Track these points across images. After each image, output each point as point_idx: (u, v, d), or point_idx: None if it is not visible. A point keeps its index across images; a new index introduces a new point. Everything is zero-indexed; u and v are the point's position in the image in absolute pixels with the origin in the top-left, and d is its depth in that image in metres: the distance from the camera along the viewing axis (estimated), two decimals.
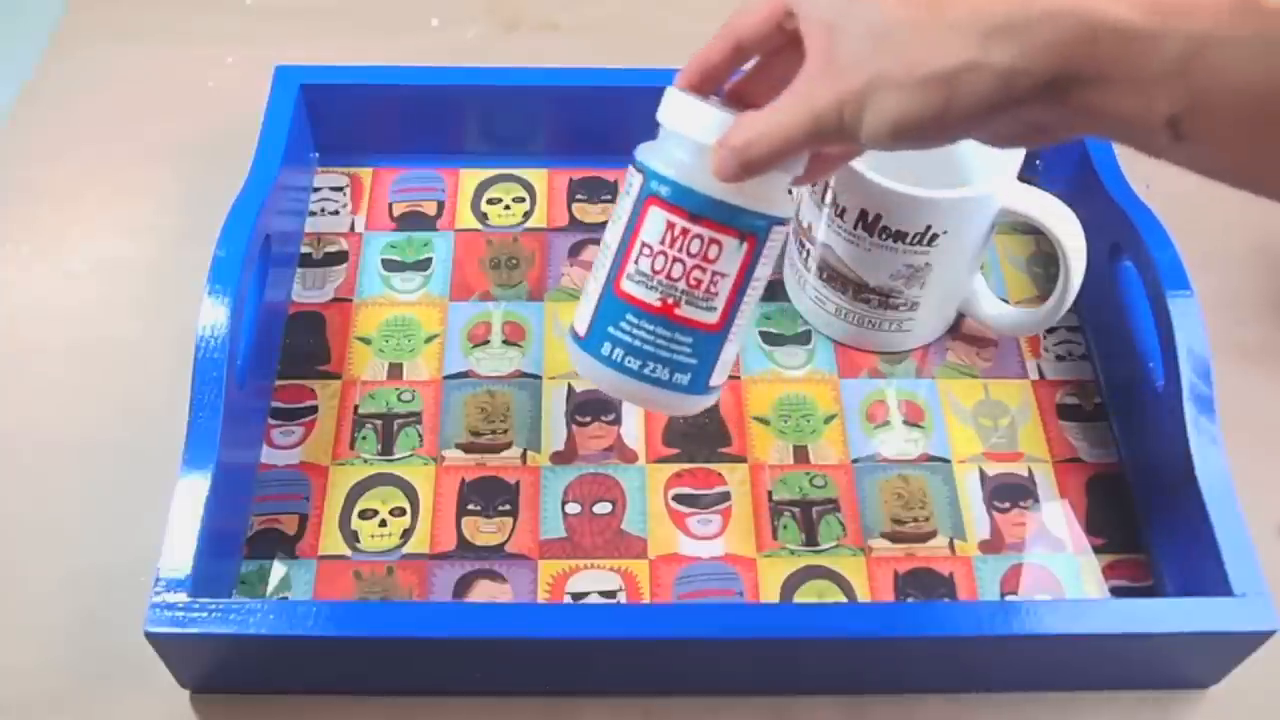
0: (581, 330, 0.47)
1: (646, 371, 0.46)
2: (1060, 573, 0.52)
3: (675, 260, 0.45)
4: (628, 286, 0.46)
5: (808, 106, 0.39)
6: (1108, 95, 0.34)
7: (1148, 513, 0.53)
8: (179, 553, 0.45)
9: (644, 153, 0.45)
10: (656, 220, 0.44)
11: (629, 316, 0.46)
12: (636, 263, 0.45)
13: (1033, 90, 0.35)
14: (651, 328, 0.46)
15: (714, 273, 0.45)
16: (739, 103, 0.45)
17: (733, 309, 0.46)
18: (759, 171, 0.41)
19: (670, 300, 0.45)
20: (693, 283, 0.45)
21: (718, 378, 0.47)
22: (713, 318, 0.46)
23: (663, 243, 0.45)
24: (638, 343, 0.46)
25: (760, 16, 0.42)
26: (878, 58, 0.37)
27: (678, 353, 0.46)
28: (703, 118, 0.43)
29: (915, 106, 0.36)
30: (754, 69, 0.44)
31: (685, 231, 0.44)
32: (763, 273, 0.46)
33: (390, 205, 0.63)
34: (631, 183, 0.45)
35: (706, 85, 0.44)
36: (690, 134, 0.43)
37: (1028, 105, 0.36)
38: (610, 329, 0.46)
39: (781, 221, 0.45)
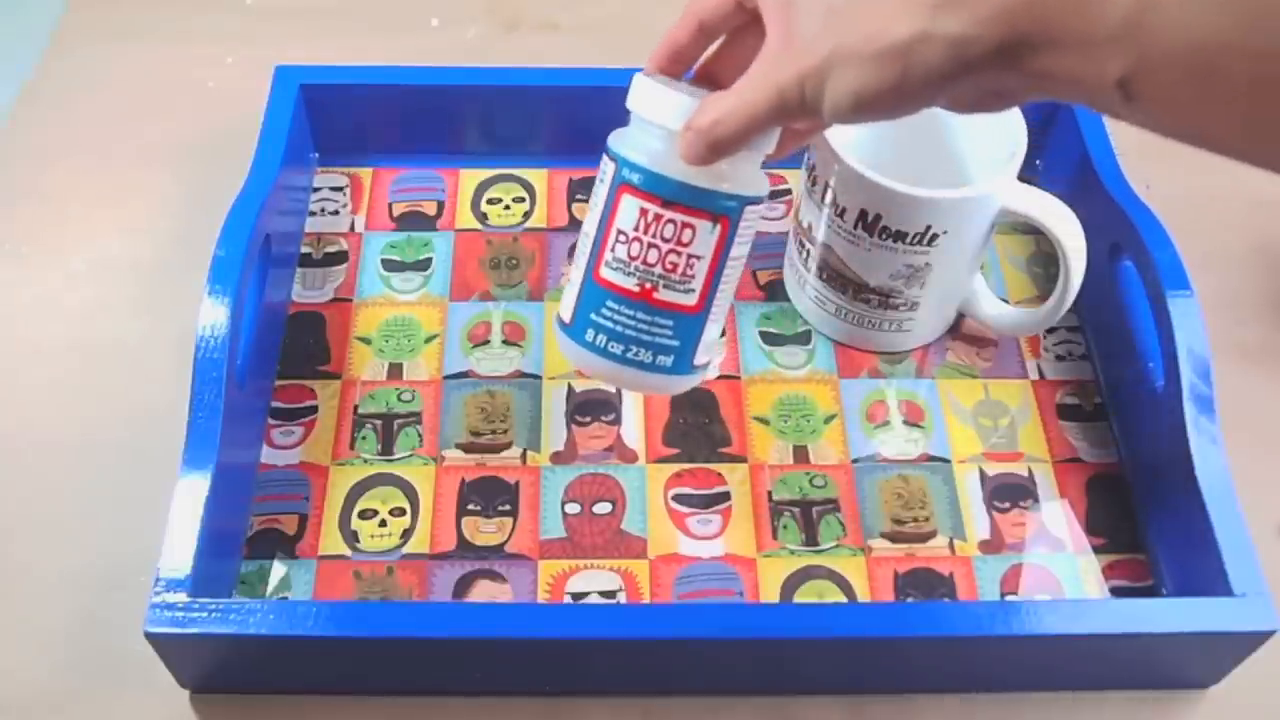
0: (566, 317, 0.48)
1: (630, 355, 0.47)
2: (1060, 573, 0.52)
3: (650, 246, 0.45)
4: (606, 273, 0.46)
5: (771, 84, 0.39)
6: (1058, 59, 0.35)
7: (1148, 513, 0.53)
8: (179, 553, 0.45)
9: (615, 141, 0.45)
10: (630, 208, 0.45)
11: (609, 303, 0.47)
12: (613, 250, 0.46)
13: (984, 57, 0.36)
14: (632, 313, 0.46)
15: (689, 256, 0.46)
16: (710, 83, 0.45)
17: (711, 289, 0.47)
18: (728, 152, 0.42)
19: (648, 285, 0.46)
20: (669, 267, 0.46)
21: (701, 357, 0.48)
22: (691, 300, 0.47)
23: (637, 229, 0.45)
24: (619, 328, 0.47)
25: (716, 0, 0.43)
26: (834, 33, 0.38)
27: (659, 335, 0.47)
28: (669, 103, 0.43)
29: (873, 80, 0.37)
30: (719, 49, 0.45)
31: (658, 217, 0.45)
32: (739, 252, 0.46)
33: (390, 205, 0.63)
34: (605, 171, 0.46)
35: (675, 68, 0.45)
36: (658, 120, 0.43)
37: (982, 72, 0.36)
38: (593, 315, 0.47)
39: (754, 200, 0.46)
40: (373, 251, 0.61)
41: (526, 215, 0.63)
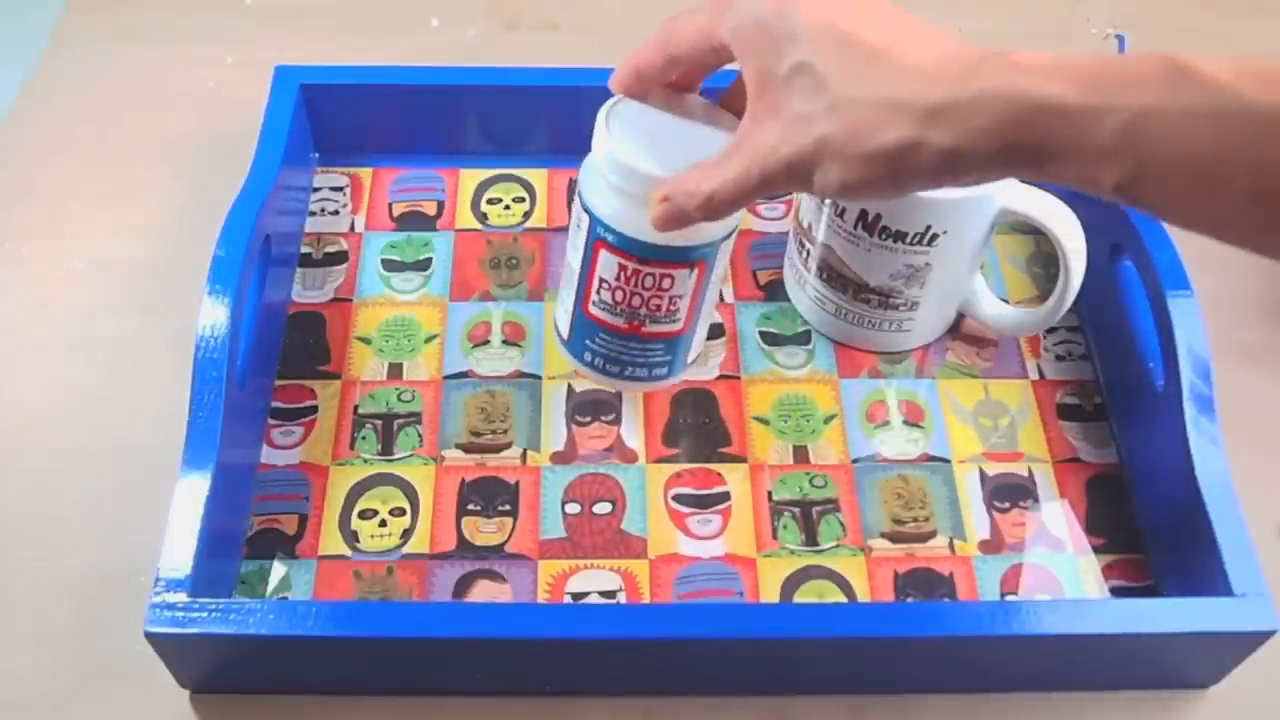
0: (564, 333, 0.53)
1: (627, 374, 0.52)
2: (1060, 573, 0.52)
3: (633, 294, 0.49)
4: (595, 311, 0.50)
5: (757, 165, 0.40)
6: (1052, 169, 0.35)
7: (1148, 513, 0.53)
8: (179, 553, 0.45)
9: (587, 188, 0.48)
10: (609, 261, 0.48)
11: (601, 335, 0.51)
12: (599, 293, 0.49)
13: (977, 164, 0.36)
14: (624, 343, 0.51)
15: (671, 296, 0.49)
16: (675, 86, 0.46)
17: (695, 313, 0.50)
18: (720, 215, 0.43)
19: (635, 322, 0.50)
20: (652, 307, 0.49)
21: (693, 355, 0.53)
22: (677, 326, 0.50)
23: (618, 280, 0.48)
24: (613, 353, 0.51)
25: (692, 40, 0.43)
26: (821, 122, 0.38)
27: (652, 356, 0.51)
28: (640, 173, 0.45)
29: (860, 177, 0.38)
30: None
31: (637, 272, 0.48)
32: (719, 274, 0.49)
33: (390, 205, 0.63)
34: (581, 218, 0.48)
35: (639, 90, 0.46)
36: (630, 189, 0.45)
37: (973, 172, 0.37)
38: (587, 341, 0.51)
39: (727, 237, 0.48)
40: (373, 251, 0.61)
41: (526, 215, 0.63)
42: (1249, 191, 0.32)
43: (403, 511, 0.52)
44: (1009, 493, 0.54)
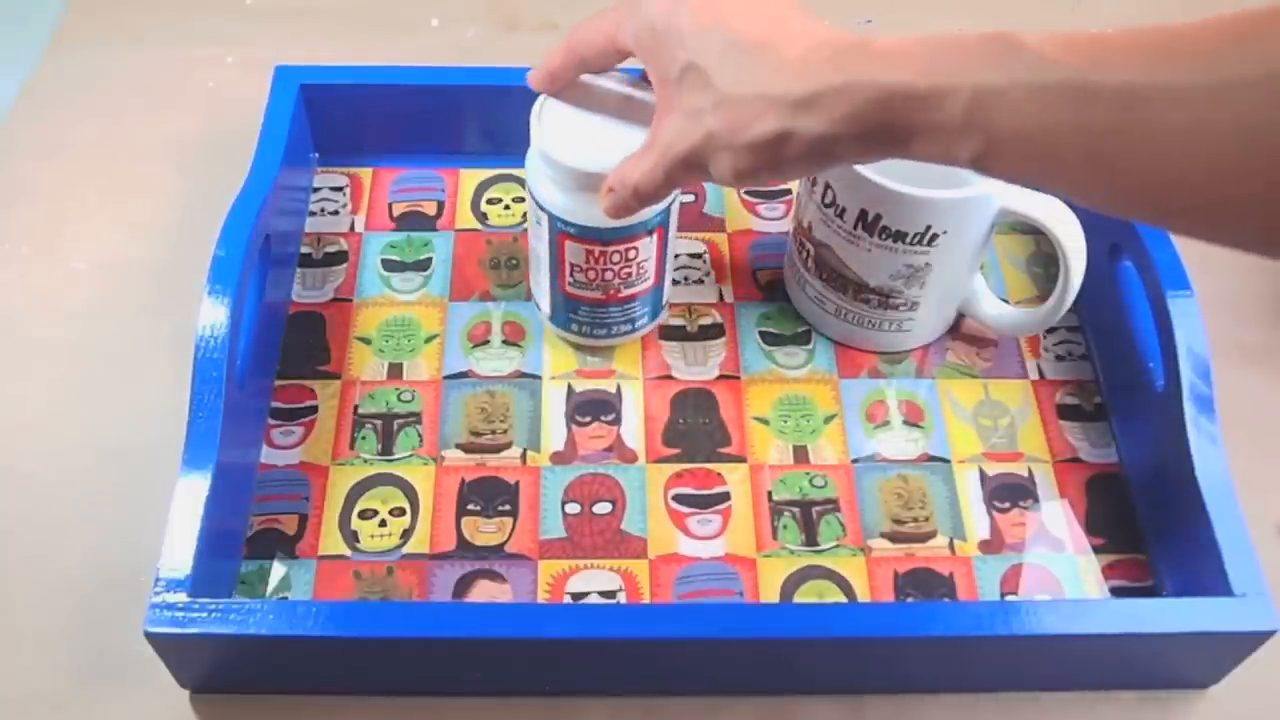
0: (546, 310, 0.56)
1: (614, 333, 0.56)
2: (1060, 573, 0.52)
3: (604, 269, 0.52)
4: (572, 289, 0.54)
5: (663, 161, 0.44)
6: (915, 147, 0.38)
7: (1148, 513, 0.53)
8: (179, 553, 0.45)
9: (537, 185, 0.51)
10: (575, 249, 0.52)
11: (582, 308, 0.55)
12: (572, 276, 0.53)
13: (847, 148, 0.39)
14: (604, 310, 0.55)
15: (639, 263, 0.53)
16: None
17: (663, 266, 0.55)
18: (650, 204, 0.47)
19: (611, 291, 0.53)
20: (623, 275, 0.53)
21: (666, 297, 0.57)
22: (649, 283, 0.54)
23: (587, 262, 0.52)
24: (596, 318, 0.55)
25: (598, 46, 0.46)
26: (709, 117, 0.41)
27: (632, 313, 0.55)
28: (579, 170, 0.48)
29: (746, 164, 0.41)
30: None
31: (603, 253, 0.52)
32: (675, 227, 0.53)
33: (390, 205, 0.63)
34: (538, 215, 0.52)
35: (554, 90, 0.50)
36: (576, 184, 0.49)
37: (849, 155, 0.40)
38: (570, 315, 0.55)
39: (674, 198, 0.51)
40: (373, 251, 0.61)
41: (526, 215, 0.63)
42: (1082, 157, 0.35)
43: (403, 511, 0.52)
44: (1009, 493, 0.54)
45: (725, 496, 0.53)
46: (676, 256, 0.61)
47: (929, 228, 0.52)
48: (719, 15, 0.41)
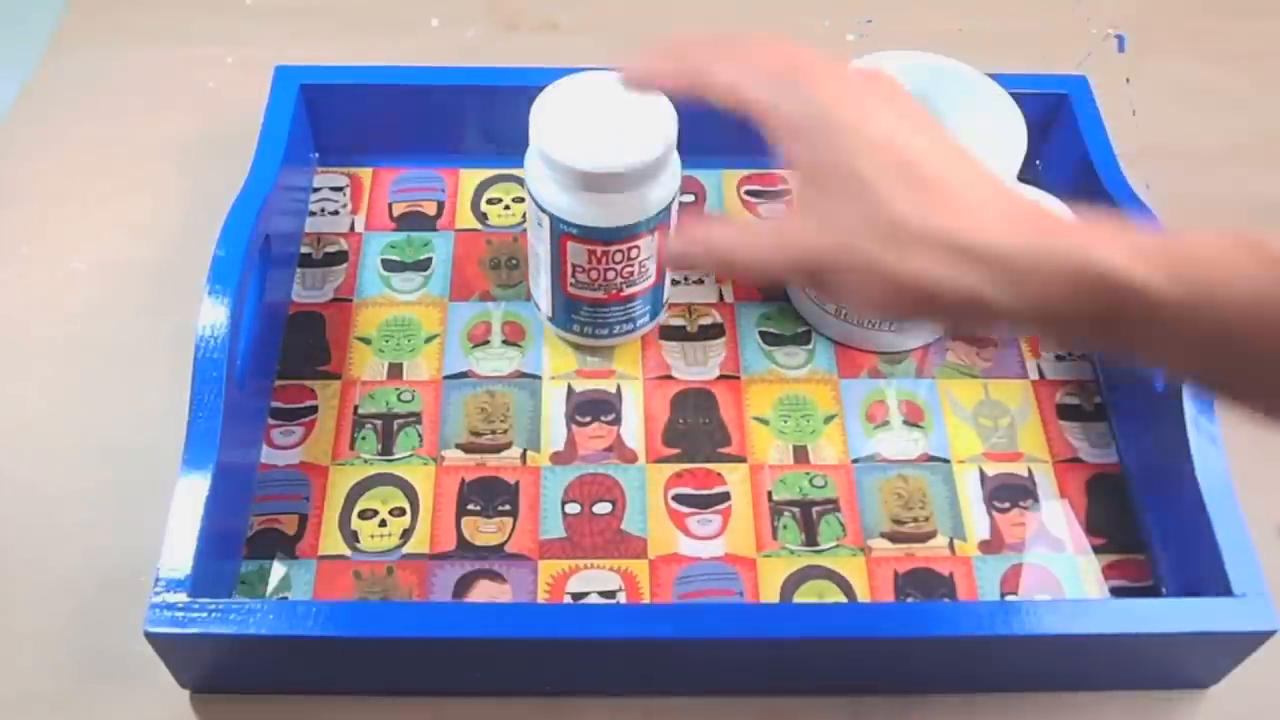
0: (548, 311, 0.56)
1: (615, 332, 0.56)
2: (1060, 573, 0.52)
3: (607, 269, 0.52)
4: (574, 290, 0.53)
5: (790, 253, 0.38)
6: (1109, 342, 0.34)
7: (1148, 513, 0.53)
8: (179, 553, 0.45)
9: (537, 186, 0.51)
10: (578, 250, 0.51)
11: (584, 309, 0.55)
12: (574, 276, 0.53)
13: (1024, 318, 0.35)
14: (606, 309, 0.54)
15: (641, 262, 0.52)
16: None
17: (664, 265, 0.54)
18: (729, 278, 0.45)
19: (613, 291, 0.53)
20: (625, 274, 0.53)
21: (666, 295, 0.57)
22: (650, 281, 0.54)
23: (589, 262, 0.52)
24: (599, 318, 0.55)
25: (717, 89, 0.40)
26: (867, 238, 0.36)
27: (634, 312, 0.55)
28: (582, 171, 0.48)
29: (895, 299, 0.36)
30: None
31: (605, 253, 0.51)
32: (674, 222, 0.53)
33: (390, 205, 0.63)
34: (539, 216, 0.51)
35: (642, 91, 0.45)
36: (578, 185, 0.49)
37: (1022, 326, 0.36)
38: (573, 315, 0.55)
39: (675, 193, 0.51)
40: (373, 251, 0.61)
41: (526, 215, 0.63)
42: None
43: (403, 511, 0.52)
44: (1009, 493, 0.54)
45: (725, 496, 0.53)
46: None
47: None
48: (895, 132, 0.37)
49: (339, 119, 0.63)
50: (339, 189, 0.64)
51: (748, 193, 0.65)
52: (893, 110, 0.38)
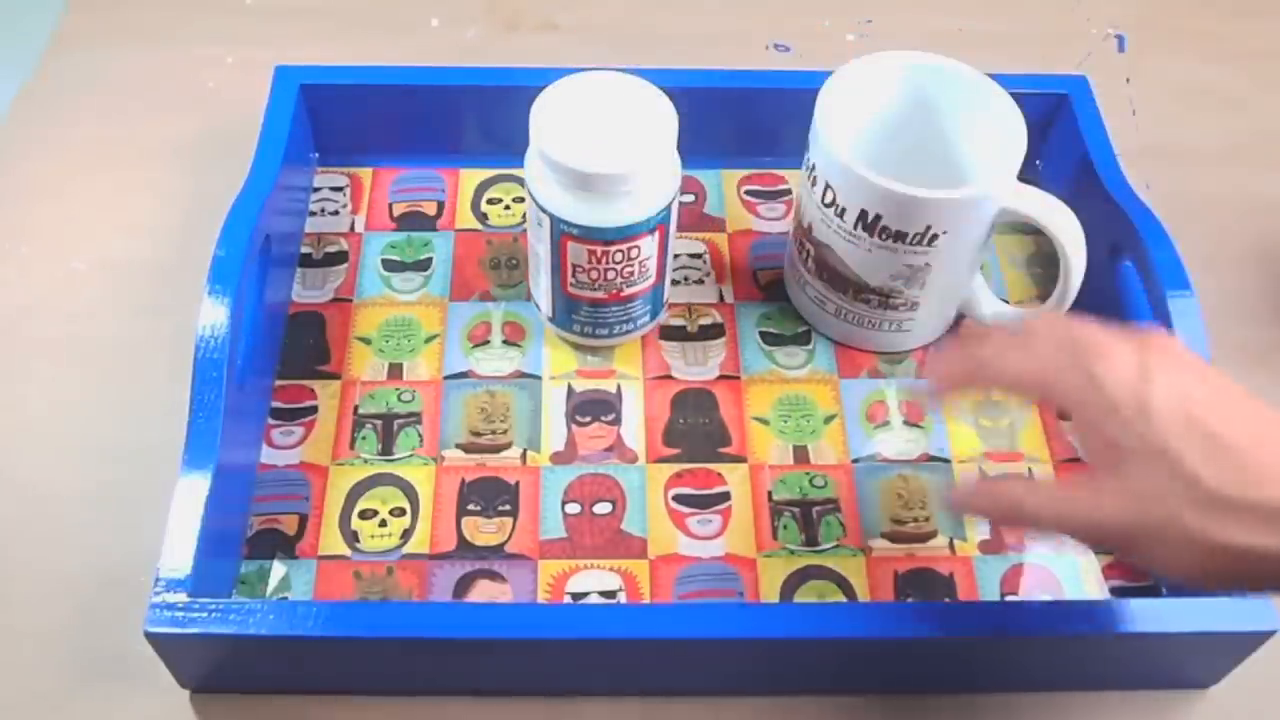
0: (547, 311, 0.56)
1: (615, 332, 0.56)
2: (1060, 573, 0.52)
3: (607, 269, 0.52)
4: (574, 290, 0.54)
5: (1086, 516, 0.39)
6: None
7: None
8: (179, 553, 0.45)
9: (537, 187, 0.51)
10: (577, 250, 0.51)
11: (584, 308, 0.55)
12: (574, 276, 0.53)
13: None
14: (606, 309, 0.55)
15: (641, 261, 0.52)
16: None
17: (664, 264, 0.55)
18: (1013, 530, 0.46)
19: (614, 291, 0.53)
20: (625, 275, 0.53)
21: (666, 295, 0.57)
22: (651, 281, 0.54)
23: (590, 262, 0.52)
24: (599, 318, 0.55)
25: (1024, 385, 0.41)
26: (1177, 505, 0.37)
27: (634, 312, 0.55)
28: (585, 172, 0.48)
29: (1217, 567, 0.37)
30: None
31: (605, 253, 0.51)
32: (675, 223, 0.53)
33: (390, 205, 0.63)
34: (539, 217, 0.51)
35: (948, 396, 0.46)
36: (580, 185, 0.49)
37: None
38: (573, 315, 0.55)
39: (674, 193, 0.51)
40: (373, 251, 0.61)
41: (526, 215, 0.63)
42: None
43: (403, 511, 0.52)
44: None
45: (725, 496, 0.53)
46: (676, 256, 0.61)
47: (929, 228, 0.52)
48: (1191, 401, 0.38)
49: (339, 119, 0.63)
50: (339, 189, 0.64)
51: (748, 193, 0.65)
52: (1183, 378, 0.38)
